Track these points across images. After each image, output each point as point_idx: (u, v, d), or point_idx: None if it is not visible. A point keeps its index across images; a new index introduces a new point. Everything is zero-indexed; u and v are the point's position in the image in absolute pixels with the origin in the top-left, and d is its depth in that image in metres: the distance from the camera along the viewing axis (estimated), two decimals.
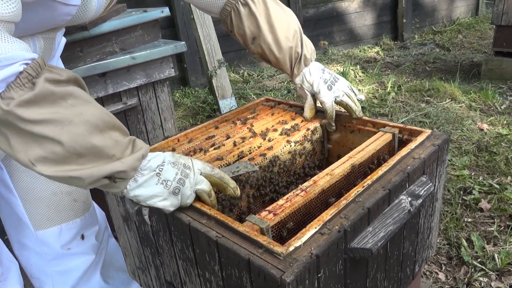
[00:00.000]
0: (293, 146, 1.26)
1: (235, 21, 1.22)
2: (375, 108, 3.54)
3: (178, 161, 0.91)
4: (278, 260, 0.76)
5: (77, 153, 0.78)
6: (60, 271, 1.30)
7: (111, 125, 0.84)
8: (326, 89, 1.29)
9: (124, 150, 0.84)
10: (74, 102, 0.79)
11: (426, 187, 1.03)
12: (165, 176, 0.88)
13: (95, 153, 0.80)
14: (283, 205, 0.91)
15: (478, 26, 6.15)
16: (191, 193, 0.92)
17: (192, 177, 0.92)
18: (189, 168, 0.92)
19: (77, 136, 0.77)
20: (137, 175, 0.87)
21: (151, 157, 0.89)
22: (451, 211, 2.15)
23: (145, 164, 0.88)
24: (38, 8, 0.87)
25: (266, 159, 1.18)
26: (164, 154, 0.92)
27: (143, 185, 0.87)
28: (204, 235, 0.87)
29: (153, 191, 0.88)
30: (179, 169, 0.90)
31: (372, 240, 0.85)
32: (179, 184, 0.89)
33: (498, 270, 1.77)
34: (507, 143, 2.72)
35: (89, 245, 1.34)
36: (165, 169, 0.89)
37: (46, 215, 1.23)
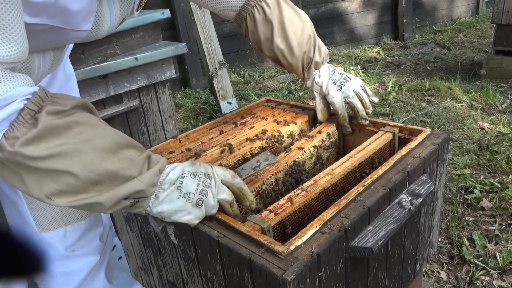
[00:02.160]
0: (308, 152, 1.23)
1: (250, 27, 1.23)
2: (376, 108, 3.54)
3: (198, 171, 0.87)
4: (279, 259, 0.76)
5: (93, 181, 0.76)
6: (64, 272, 1.31)
7: (124, 145, 0.81)
8: (335, 90, 1.28)
9: (141, 168, 0.81)
10: (81, 129, 0.76)
11: (426, 186, 1.03)
12: (186, 189, 0.85)
13: (111, 178, 0.78)
14: (284, 205, 0.92)
15: (478, 25, 6.15)
16: (214, 204, 0.88)
17: (214, 186, 0.88)
18: (210, 177, 0.88)
19: (89, 165, 0.75)
20: (157, 190, 0.84)
21: (169, 170, 0.86)
22: (453, 210, 2.16)
23: (164, 178, 0.85)
24: (48, 33, 0.86)
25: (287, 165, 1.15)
26: (183, 164, 0.88)
27: (165, 201, 0.84)
28: (205, 235, 0.87)
29: (176, 206, 0.85)
30: (200, 180, 0.86)
31: (372, 239, 0.86)
32: (201, 195, 0.86)
33: (500, 269, 1.77)
34: (508, 142, 2.72)
35: (94, 246, 1.35)
36: (186, 181, 0.85)
37: (51, 217, 1.24)
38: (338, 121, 1.32)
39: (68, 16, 0.82)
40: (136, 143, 0.85)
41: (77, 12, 0.83)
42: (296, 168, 1.16)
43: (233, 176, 0.91)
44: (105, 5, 0.92)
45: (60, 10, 0.79)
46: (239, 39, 4.69)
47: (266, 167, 1.02)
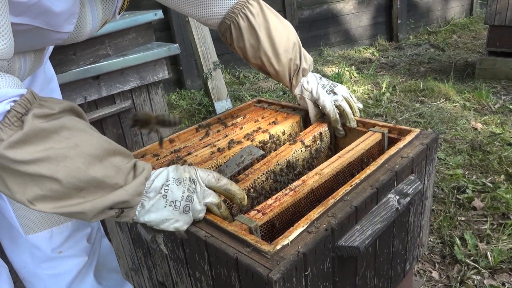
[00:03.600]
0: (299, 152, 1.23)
1: (235, 34, 1.23)
2: (370, 109, 3.55)
3: (183, 177, 0.86)
4: (266, 258, 0.76)
5: (77, 187, 0.75)
6: (52, 274, 1.31)
7: (112, 152, 0.80)
8: (326, 94, 1.30)
9: (126, 176, 0.80)
10: (68, 134, 0.75)
11: (414, 186, 1.04)
12: (172, 197, 0.84)
13: (96, 185, 0.76)
14: (272, 205, 0.92)
15: (472, 26, 6.19)
16: (201, 208, 0.88)
17: (200, 191, 0.87)
18: (195, 182, 0.87)
19: (74, 171, 0.73)
20: (143, 199, 0.83)
21: (154, 177, 0.85)
22: (445, 210, 2.17)
23: (149, 186, 0.84)
24: (30, 34, 0.85)
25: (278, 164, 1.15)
26: (167, 170, 0.87)
27: (151, 210, 0.83)
28: (193, 235, 0.88)
29: (163, 215, 0.84)
30: (185, 186, 0.85)
31: (359, 238, 0.86)
32: (188, 201, 0.86)
33: (491, 268, 1.78)
34: (500, 142, 2.73)
35: (81, 247, 1.34)
36: (171, 189, 0.85)
37: (36, 219, 1.23)
38: (331, 124, 1.33)
39: (51, 17, 0.82)
40: (124, 150, 0.83)
41: (59, 13, 0.82)
42: (287, 169, 1.16)
43: (217, 179, 0.90)
44: (88, 7, 0.92)
45: (43, 10, 0.79)
46: None
47: (250, 162, 1.01)
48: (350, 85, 4.07)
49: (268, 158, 1.14)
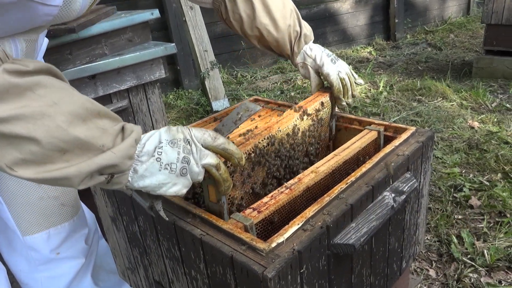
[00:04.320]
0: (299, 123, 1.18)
1: (230, 6, 1.21)
2: (368, 108, 3.56)
3: (176, 137, 0.81)
4: (261, 256, 0.76)
5: (59, 149, 0.69)
6: (49, 276, 1.30)
7: (96, 112, 0.73)
8: (330, 62, 1.25)
9: (114, 139, 0.74)
10: (44, 92, 0.68)
11: (410, 184, 1.04)
12: (166, 160, 0.79)
13: (80, 147, 0.70)
14: (268, 203, 0.92)
15: (469, 25, 6.20)
16: (199, 170, 0.82)
17: (196, 152, 0.82)
18: (190, 142, 0.82)
19: (54, 130, 0.67)
20: (135, 164, 0.77)
21: (145, 140, 0.79)
22: (442, 208, 2.17)
23: (141, 149, 0.78)
24: (15, 9, 0.82)
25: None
26: (159, 132, 0.82)
27: (145, 175, 0.78)
28: (189, 234, 0.87)
29: (159, 179, 0.79)
30: (179, 147, 0.80)
31: (355, 236, 0.86)
32: (184, 163, 0.80)
33: (488, 266, 1.78)
34: (497, 141, 2.74)
35: (79, 248, 1.34)
36: (164, 151, 0.79)
37: (33, 220, 1.22)
38: (334, 94, 1.27)
39: None
40: (111, 113, 0.77)
41: None
42: (289, 139, 1.12)
43: (213, 138, 0.84)
44: None
45: None
46: (232, 40, 4.70)
47: (248, 118, 0.94)
48: None
49: (270, 124, 1.09)
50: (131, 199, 1.03)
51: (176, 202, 0.96)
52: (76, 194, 1.34)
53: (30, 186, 1.19)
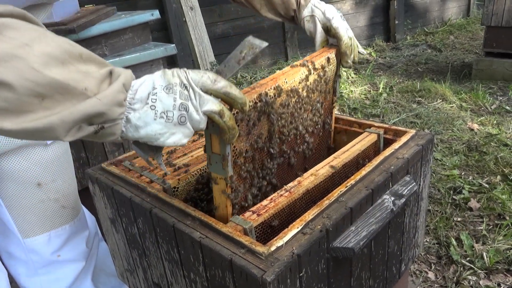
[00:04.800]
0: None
1: None
2: (367, 109, 3.56)
3: (172, 82, 0.73)
4: (260, 260, 0.76)
5: (36, 93, 0.61)
6: (49, 280, 1.30)
7: (77, 55, 0.66)
8: (340, 18, 1.17)
9: (100, 83, 0.67)
10: (14, 34, 0.61)
11: (409, 187, 1.04)
12: (162, 107, 0.72)
13: (60, 91, 0.63)
14: (267, 206, 0.92)
15: (469, 27, 6.21)
16: (200, 118, 0.75)
17: (194, 98, 0.74)
18: (187, 87, 0.74)
19: (27, 72, 0.60)
20: (127, 112, 0.71)
21: (137, 86, 0.72)
22: (441, 211, 2.17)
23: (132, 96, 0.71)
24: None
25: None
26: (152, 77, 0.74)
27: (139, 125, 0.72)
28: (188, 236, 0.87)
29: (155, 129, 0.72)
30: (176, 93, 0.73)
31: (354, 240, 0.86)
32: (182, 110, 0.73)
33: (487, 269, 1.79)
34: (497, 143, 2.74)
35: (79, 251, 1.34)
36: (159, 98, 0.72)
37: (34, 223, 1.22)
38: (341, 50, 1.17)
39: None
40: (96, 57, 0.70)
41: None
42: (294, 94, 1.06)
43: (213, 81, 0.76)
44: None
45: None
46: (232, 40, 4.70)
47: (253, 57, 0.85)
48: (347, 86, 4.08)
49: (275, 75, 1.02)
50: (130, 201, 1.03)
51: (175, 204, 0.96)
52: (77, 196, 1.34)
53: (31, 189, 1.19)
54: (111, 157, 1.97)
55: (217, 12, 4.54)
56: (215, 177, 0.92)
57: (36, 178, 1.18)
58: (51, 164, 1.21)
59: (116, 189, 1.07)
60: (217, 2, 4.49)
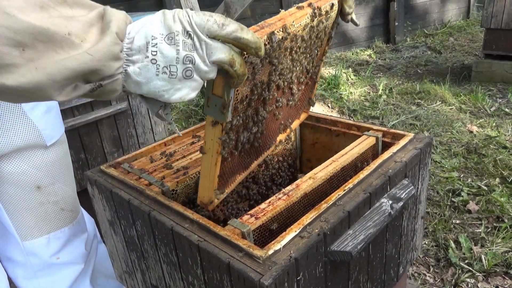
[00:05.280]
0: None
1: None
2: (367, 111, 3.56)
3: (173, 30, 0.64)
4: (258, 263, 0.77)
5: (14, 42, 0.54)
6: (48, 282, 1.30)
7: (60, 0, 0.59)
8: None
9: (87, 27, 0.59)
10: None
11: (407, 190, 1.04)
12: (163, 61, 0.64)
13: (39, 37, 0.55)
14: (265, 209, 0.93)
15: (469, 29, 6.22)
16: (209, 68, 0.68)
17: (200, 47, 0.66)
18: (191, 34, 0.65)
19: (1, 18, 0.53)
20: (125, 64, 0.64)
21: (133, 33, 0.63)
22: (440, 213, 2.17)
23: (129, 45, 0.63)
24: None
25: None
26: (150, 20, 0.64)
27: (140, 81, 0.65)
28: (186, 239, 0.88)
29: (157, 86, 0.66)
30: (178, 44, 0.64)
31: (352, 243, 0.87)
32: (187, 63, 0.66)
33: (485, 271, 1.79)
34: (496, 145, 2.75)
35: (78, 254, 1.34)
36: (160, 50, 0.64)
37: (33, 225, 1.22)
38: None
39: None
40: (85, 0, 0.62)
41: None
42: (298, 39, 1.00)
43: (221, 25, 0.66)
44: None
45: None
46: None
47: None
48: (347, 87, 4.08)
49: (282, 16, 0.95)
50: (129, 203, 1.03)
51: (174, 207, 0.96)
52: (76, 198, 1.34)
53: (30, 192, 1.19)
54: (111, 158, 1.98)
55: None
56: (211, 120, 0.85)
57: (36, 181, 1.18)
58: (51, 167, 1.21)
59: (115, 191, 1.07)
60: (217, 3, 4.50)
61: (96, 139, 1.92)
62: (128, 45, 0.63)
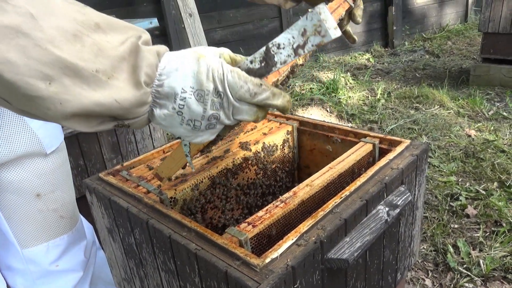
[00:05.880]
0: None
1: None
2: (365, 115, 3.57)
3: (204, 88, 0.64)
4: (255, 272, 0.77)
5: (42, 75, 0.54)
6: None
7: (92, 26, 0.57)
8: None
9: (117, 63, 0.58)
10: (20, 2, 0.53)
11: (404, 197, 1.05)
12: (189, 115, 0.65)
13: (67, 72, 0.55)
14: (263, 217, 0.93)
15: (467, 33, 6.24)
16: (232, 121, 0.70)
17: (227, 107, 0.67)
18: (221, 95, 0.65)
19: (31, 50, 0.53)
20: (152, 105, 0.64)
21: (164, 76, 0.63)
22: (438, 217, 2.18)
23: (157, 89, 0.63)
24: None
25: None
26: (183, 68, 0.64)
27: (164, 124, 0.67)
28: (184, 248, 0.88)
29: (180, 132, 0.69)
30: (207, 103, 0.65)
31: (348, 251, 0.87)
32: (211, 120, 0.67)
33: (483, 276, 1.79)
34: (494, 149, 2.76)
35: (78, 261, 1.34)
36: (187, 105, 0.64)
37: (32, 233, 1.22)
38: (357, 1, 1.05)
39: None
40: (119, 23, 0.61)
41: None
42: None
43: (253, 94, 0.66)
44: None
45: None
46: (230, 46, 4.72)
47: (316, 47, 0.64)
48: (345, 92, 4.09)
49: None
50: (127, 211, 1.03)
51: (172, 215, 0.96)
52: (75, 205, 1.35)
53: (30, 200, 1.19)
54: (110, 165, 1.98)
55: (216, 18, 4.57)
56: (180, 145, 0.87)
57: (36, 188, 1.19)
58: (51, 174, 1.21)
59: (113, 199, 1.08)
60: (216, 8, 4.52)
61: (95, 146, 1.93)
62: (157, 88, 0.64)
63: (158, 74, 0.64)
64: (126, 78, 0.60)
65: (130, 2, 4.05)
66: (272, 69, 0.67)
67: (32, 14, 0.53)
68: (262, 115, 0.71)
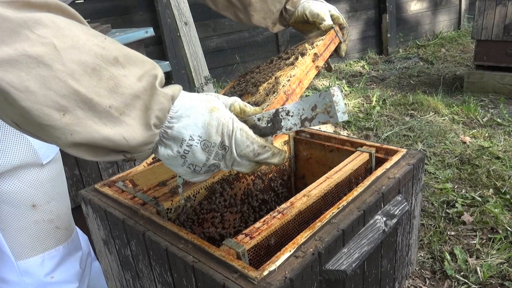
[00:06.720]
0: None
1: None
2: (361, 122, 3.59)
3: (211, 140, 0.68)
4: (253, 284, 0.77)
5: (58, 106, 0.56)
6: None
7: (111, 60, 0.59)
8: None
9: (130, 101, 0.60)
10: (45, 32, 0.54)
11: (401, 207, 1.05)
12: (191, 160, 0.69)
13: (81, 105, 0.57)
14: (260, 228, 0.93)
15: (460, 40, 6.30)
16: (229, 169, 0.76)
17: (229, 159, 0.72)
18: (226, 149, 0.70)
19: (51, 81, 0.55)
20: (158, 143, 0.68)
21: (174, 119, 0.66)
22: (435, 225, 2.18)
23: (166, 130, 0.66)
24: None
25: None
26: (195, 117, 0.67)
27: (166, 162, 0.71)
28: (181, 260, 0.87)
29: (179, 171, 0.72)
30: (211, 154, 0.69)
31: (346, 262, 0.87)
32: (211, 168, 0.72)
33: (481, 283, 1.79)
34: (489, 156, 2.77)
35: (73, 272, 1.32)
36: (192, 151, 0.68)
37: (27, 244, 1.21)
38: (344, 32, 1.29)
39: None
40: (137, 56, 0.62)
41: None
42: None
43: (256, 154, 0.72)
44: None
45: None
46: (226, 54, 4.73)
47: (322, 124, 0.67)
48: None
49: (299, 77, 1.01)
50: (123, 223, 1.03)
51: (168, 227, 0.96)
52: (70, 216, 1.33)
53: (25, 210, 1.18)
54: (105, 175, 1.97)
55: (212, 27, 4.59)
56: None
57: (31, 199, 1.18)
58: (46, 185, 1.20)
59: (109, 211, 1.07)
60: (211, 17, 4.54)
61: None
62: (166, 130, 0.66)
63: (170, 116, 0.66)
64: (137, 116, 0.62)
65: (126, 11, 4.06)
66: (277, 132, 0.72)
67: (55, 45, 0.55)
68: (257, 168, 0.77)
